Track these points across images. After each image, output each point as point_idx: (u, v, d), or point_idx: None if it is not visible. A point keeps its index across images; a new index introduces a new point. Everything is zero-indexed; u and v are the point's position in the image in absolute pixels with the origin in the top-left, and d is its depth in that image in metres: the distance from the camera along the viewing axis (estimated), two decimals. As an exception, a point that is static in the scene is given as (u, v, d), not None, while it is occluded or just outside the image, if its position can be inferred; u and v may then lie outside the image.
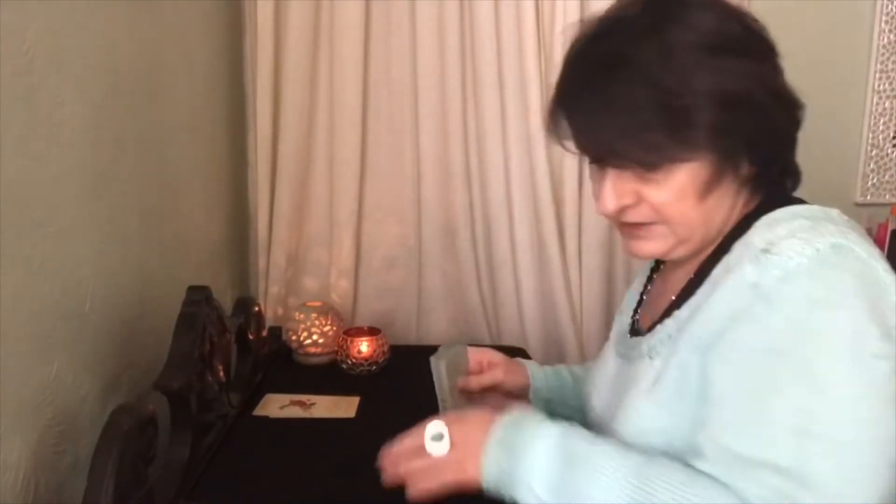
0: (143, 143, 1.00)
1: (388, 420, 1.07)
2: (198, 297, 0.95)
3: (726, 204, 0.70)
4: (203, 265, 1.26)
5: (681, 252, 0.72)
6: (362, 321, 1.48)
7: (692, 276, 0.74)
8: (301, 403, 1.13)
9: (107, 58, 0.88)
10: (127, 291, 0.95)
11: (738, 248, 0.67)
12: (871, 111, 1.59)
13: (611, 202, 0.69)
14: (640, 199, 0.69)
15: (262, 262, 1.49)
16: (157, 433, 0.77)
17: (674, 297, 0.74)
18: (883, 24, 1.56)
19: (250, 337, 1.20)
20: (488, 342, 1.47)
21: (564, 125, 0.71)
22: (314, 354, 1.32)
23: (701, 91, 0.64)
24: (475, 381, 0.92)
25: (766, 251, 0.62)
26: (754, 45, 0.68)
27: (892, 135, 1.60)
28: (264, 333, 1.30)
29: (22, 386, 0.71)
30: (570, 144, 0.72)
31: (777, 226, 0.65)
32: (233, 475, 0.92)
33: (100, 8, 0.86)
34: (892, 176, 1.62)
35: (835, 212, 0.67)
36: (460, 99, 1.42)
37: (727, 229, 0.71)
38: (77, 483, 0.76)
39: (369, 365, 1.26)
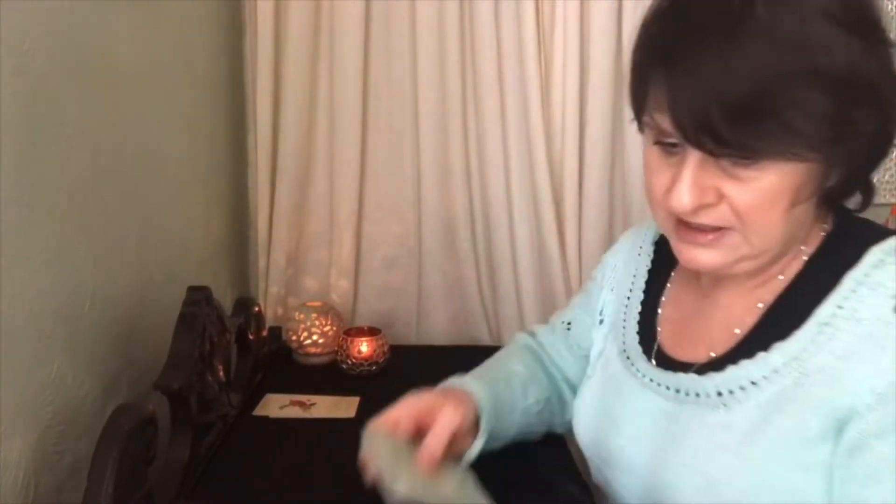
0: (143, 143, 1.00)
1: (388, 420, 1.08)
2: (198, 297, 0.95)
3: (808, 217, 0.61)
4: (203, 265, 1.26)
5: (743, 268, 0.62)
6: (362, 321, 1.47)
7: (764, 306, 0.64)
8: (301, 403, 1.13)
9: (107, 57, 0.88)
10: (127, 291, 0.95)
11: (861, 289, 0.58)
12: (871, 111, 1.59)
13: (687, 197, 0.57)
14: (720, 199, 0.58)
15: (262, 262, 1.49)
16: (157, 433, 0.77)
17: (739, 331, 0.65)
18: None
19: (250, 337, 1.20)
20: (488, 342, 1.47)
21: (652, 93, 0.58)
22: (314, 354, 1.32)
23: (831, 74, 0.52)
24: (434, 446, 0.69)
25: None
26: (882, 32, 0.56)
27: (892, 135, 1.60)
28: (264, 333, 1.30)
29: (22, 386, 0.71)
30: (660, 117, 0.58)
31: None
32: (233, 475, 0.92)
33: (100, 8, 0.86)
34: (892, 176, 1.62)
35: None
36: (460, 99, 1.42)
37: (803, 249, 0.63)
38: (77, 483, 0.76)
39: (369, 365, 1.26)
